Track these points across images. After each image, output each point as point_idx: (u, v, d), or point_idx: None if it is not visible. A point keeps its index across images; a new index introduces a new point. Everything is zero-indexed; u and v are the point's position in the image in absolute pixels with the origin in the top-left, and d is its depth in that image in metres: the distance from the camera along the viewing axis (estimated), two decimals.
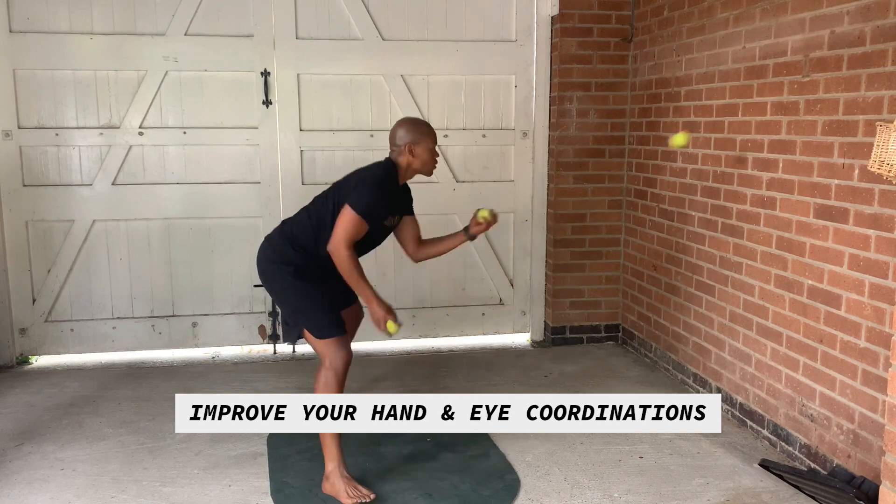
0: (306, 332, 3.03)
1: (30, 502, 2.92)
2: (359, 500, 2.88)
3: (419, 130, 3.13)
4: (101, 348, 4.61)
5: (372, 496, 2.91)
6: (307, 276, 3.06)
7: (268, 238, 3.22)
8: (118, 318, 4.61)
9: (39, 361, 4.58)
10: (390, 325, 3.01)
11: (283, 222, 3.26)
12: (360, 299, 3.10)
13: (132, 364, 4.54)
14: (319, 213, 3.10)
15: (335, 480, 2.92)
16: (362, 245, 3.11)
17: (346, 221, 2.94)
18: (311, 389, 3.97)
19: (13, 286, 4.48)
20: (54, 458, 3.28)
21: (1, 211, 4.40)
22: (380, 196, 3.02)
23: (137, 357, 4.63)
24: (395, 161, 3.13)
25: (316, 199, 3.21)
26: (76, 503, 2.92)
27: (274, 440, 3.46)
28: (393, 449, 3.37)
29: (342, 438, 3.00)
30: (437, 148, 3.18)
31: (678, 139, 3.45)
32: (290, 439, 3.46)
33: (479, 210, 3.24)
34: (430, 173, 3.22)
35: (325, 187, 4.54)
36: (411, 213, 3.31)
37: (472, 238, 3.43)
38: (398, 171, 3.13)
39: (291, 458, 3.28)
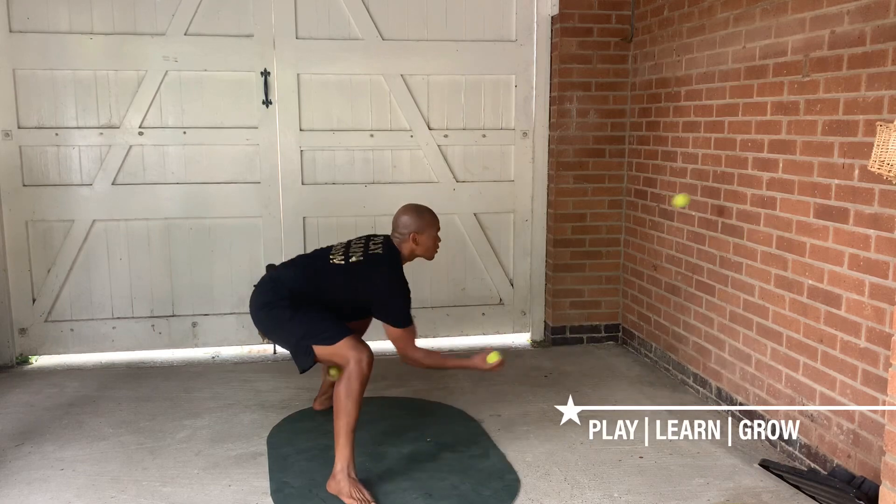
0: (320, 350, 3.00)
1: (30, 502, 2.92)
2: (361, 500, 2.86)
3: (424, 220, 3.24)
4: (101, 348, 4.61)
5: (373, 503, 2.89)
6: (303, 304, 3.10)
7: (258, 286, 3.25)
8: (118, 318, 4.61)
9: (39, 361, 4.58)
10: (493, 357, 3.17)
11: (277, 274, 3.28)
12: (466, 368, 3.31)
13: (132, 364, 4.54)
14: (331, 287, 3.15)
15: (342, 480, 2.91)
16: (357, 315, 3.27)
17: (401, 338, 3.13)
18: (311, 389, 4.00)
19: (13, 286, 4.48)
20: (54, 458, 3.28)
21: (1, 211, 4.40)
22: (407, 296, 3.17)
23: (137, 357, 4.63)
24: (399, 247, 3.25)
25: (310, 266, 3.24)
26: (76, 503, 2.92)
27: (274, 440, 3.46)
28: (393, 449, 3.37)
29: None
30: (439, 234, 3.31)
31: (679, 200, 3.71)
32: (290, 439, 3.46)
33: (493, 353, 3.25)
34: (431, 258, 3.36)
35: (325, 187, 4.64)
36: None
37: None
38: (401, 258, 3.23)
39: (291, 458, 3.28)
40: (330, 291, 3.15)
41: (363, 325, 3.55)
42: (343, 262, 3.18)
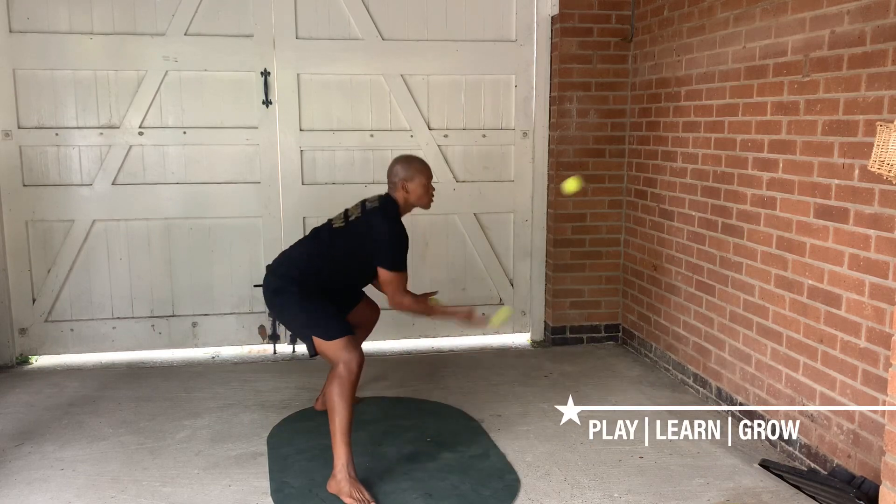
0: (317, 342, 3.11)
1: (30, 502, 2.92)
2: (361, 500, 2.87)
3: (412, 167, 3.34)
4: (101, 348, 4.61)
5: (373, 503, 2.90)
6: (311, 293, 3.20)
7: (271, 269, 3.35)
8: (118, 318, 4.61)
9: (39, 361, 4.58)
10: (502, 312, 3.41)
11: (286, 252, 3.42)
12: (445, 319, 3.45)
13: (132, 364, 4.54)
14: (332, 250, 3.26)
15: (341, 479, 2.92)
16: (366, 278, 3.38)
17: (394, 283, 3.24)
18: (311, 389, 4.00)
19: (13, 286, 4.48)
20: (54, 458, 3.28)
21: (1, 211, 4.40)
22: (403, 243, 3.27)
23: (137, 357, 4.63)
24: (393, 197, 3.34)
25: (316, 238, 3.36)
26: (76, 503, 2.92)
27: (274, 440, 3.46)
28: (393, 449, 3.37)
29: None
30: (431, 183, 3.38)
31: (569, 185, 3.64)
32: (290, 439, 3.46)
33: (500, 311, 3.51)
34: (427, 206, 3.42)
35: (325, 187, 4.64)
36: None
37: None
38: (398, 208, 3.33)
39: (291, 458, 3.28)
40: (336, 259, 3.26)
41: (372, 319, 3.71)
42: (344, 224, 3.32)
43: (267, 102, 4.55)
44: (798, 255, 3.21)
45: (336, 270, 3.27)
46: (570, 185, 3.65)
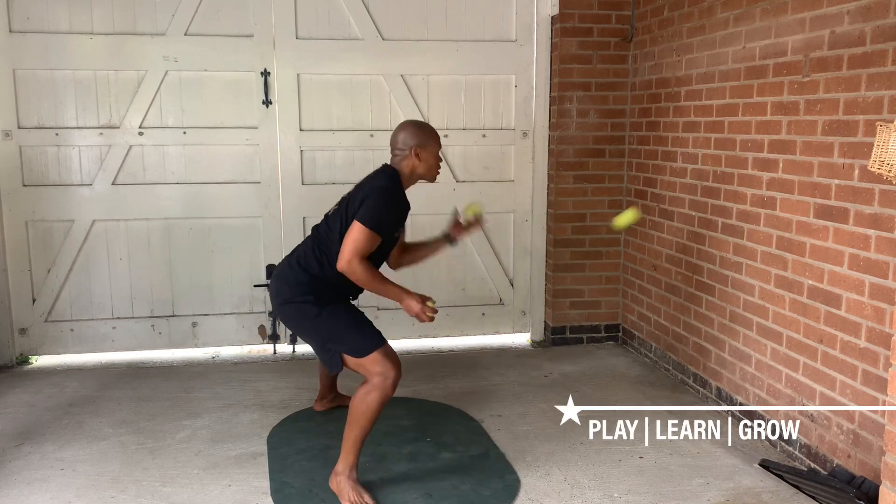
0: (346, 359, 2.90)
1: (30, 502, 2.92)
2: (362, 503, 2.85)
3: (424, 133, 3.04)
4: (101, 348, 4.61)
5: None
6: (329, 301, 2.97)
7: (276, 276, 3.11)
8: (118, 318, 4.61)
9: (39, 361, 4.58)
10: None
11: (290, 253, 3.19)
12: (395, 300, 2.95)
13: (132, 364, 4.54)
14: (330, 234, 3.02)
15: (342, 480, 2.89)
16: (375, 260, 3.01)
17: (356, 236, 2.83)
18: (311, 389, 4.00)
19: (13, 286, 4.48)
20: (54, 458, 3.28)
21: (1, 211, 4.40)
22: (389, 207, 2.93)
23: (137, 357, 4.63)
24: (398, 167, 3.04)
25: (315, 232, 3.13)
26: (76, 503, 2.92)
27: (274, 440, 3.46)
28: (393, 449, 3.37)
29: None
30: (441, 153, 3.12)
31: (624, 218, 3.55)
32: (290, 439, 3.46)
33: (470, 205, 3.08)
34: (434, 179, 3.14)
35: (325, 187, 4.64)
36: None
37: (453, 243, 3.35)
38: (401, 178, 3.03)
39: (291, 458, 3.28)
40: (336, 242, 2.95)
41: None
42: (336, 206, 3.10)
43: (267, 102, 4.55)
44: (798, 255, 3.21)
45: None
46: (625, 218, 3.54)
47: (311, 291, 2.97)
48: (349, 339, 2.90)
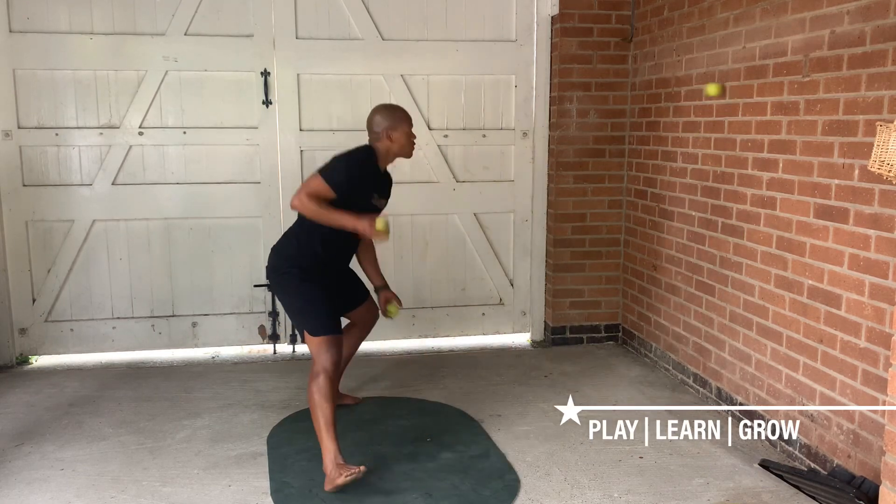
0: (306, 334, 3.15)
1: (30, 502, 2.92)
2: (350, 474, 2.90)
3: (395, 116, 3.30)
4: (101, 348, 4.61)
5: (362, 468, 2.94)
6: (312, 278, 3.22)
7: (273, 248, 3.37)
8: (118, 318, 4.61)
9: (39, 361, 4.58)
10: (392, 309, 3.39)
11: (283, 235, 3.44)
12: (349, 227, 3.11)
13: (132, 364, 4.54)
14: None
15: (331, 471, 2.95)
16: (345, 238, 3.28)
17: (309, 181, 3.11)
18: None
19: (13, 286, 4.48)
20: (54, 458, 3.28)
21: (1, 211, 4.40)
22: (348, 169, 3.16)
23: (137, 357, 4.63)
24: (374, 147, 3.30)
25: None
26: (76, 503, 2.92)
27: (274, 440, 3.46)
28: (393, 449, 3.37)
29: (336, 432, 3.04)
30: (412, 131, 3.34)
31: (711, 89, 3.66)
32: (290, 439, 3.46)
33: (380, 219, 3.13)
34: (409, 156, 3.39)
35: None
36: (388, 198, 3.45)
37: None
38: (377, 155, 3.29)
39: (291, 458, 3.28)
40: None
41: (371, 321, 3.68)
42: None
43: (267, 102, 4.55)
44: (798, 255, 3.21)
45: (327, 231, 3.17)
46: (712, 89, 3.67)
47: (297, 264, 3.23)
48: (306, 316, 3.17)
